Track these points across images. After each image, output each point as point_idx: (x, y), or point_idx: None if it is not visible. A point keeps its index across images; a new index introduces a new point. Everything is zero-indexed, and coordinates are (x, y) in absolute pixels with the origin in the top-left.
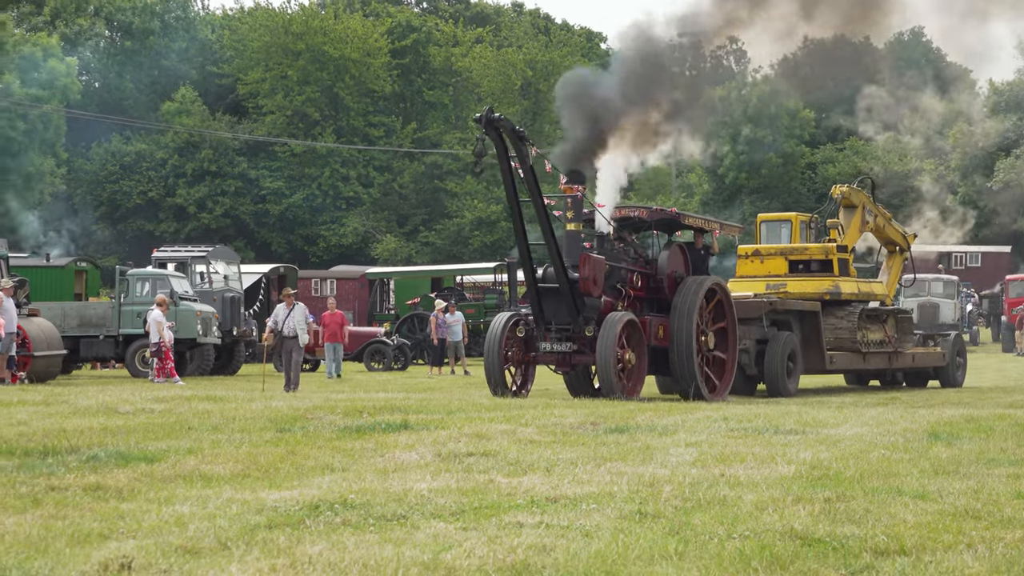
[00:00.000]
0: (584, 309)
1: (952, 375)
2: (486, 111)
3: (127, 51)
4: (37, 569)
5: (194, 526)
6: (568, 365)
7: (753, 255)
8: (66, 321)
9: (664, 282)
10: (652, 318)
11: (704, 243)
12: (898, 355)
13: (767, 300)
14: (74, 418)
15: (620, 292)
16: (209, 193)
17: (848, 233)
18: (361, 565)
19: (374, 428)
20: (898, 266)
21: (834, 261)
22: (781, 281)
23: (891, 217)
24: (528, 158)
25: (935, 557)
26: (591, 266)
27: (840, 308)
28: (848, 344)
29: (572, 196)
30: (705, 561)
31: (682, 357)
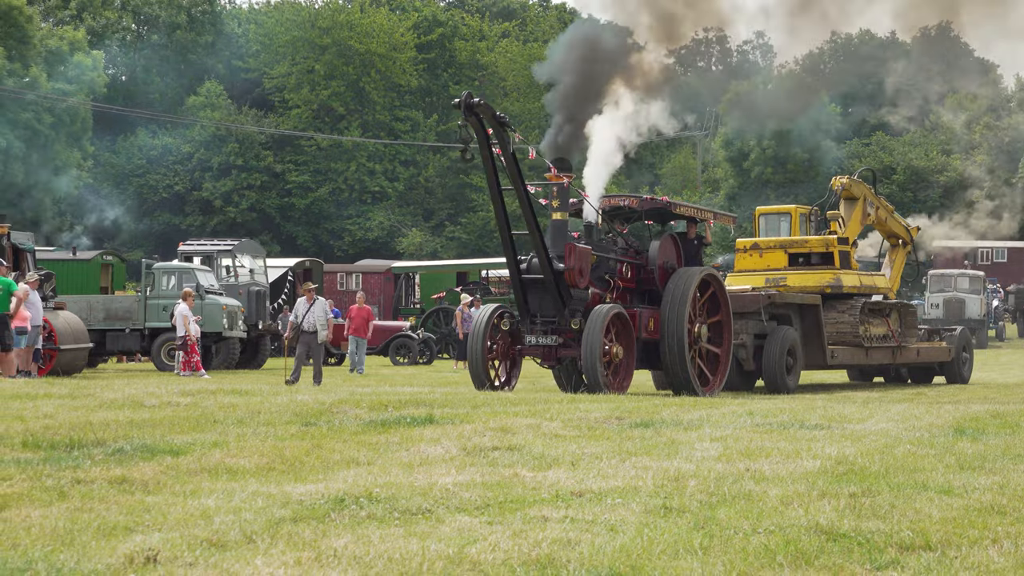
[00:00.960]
0: (570, 301)
1: (958, 371)
2: (464, 96)
3: (153, 45)
4: (63, 561)
5: (219, 519)
6: (554, 359)
7: (752, 248)
8: (92, 314)
9: (655, 273)
10: (642, 310)
11: (697, 233)
12: (902, 350)
13: (765, 294)
14: (100, 411)
15: (608, 284)
16: (235, 187)
17: (849, 226)
18: (386, 559)
19: (399, 422)
20: (901, 259)
21: (835, 254)
22: (781, 275)
23: (893, 210)
24: (510, 144)
25: (960, 552)
26: (577, 256)
27: (841, 302)
28: (850, 339)
29: (558, 184)
30: (730, 555)
31: (673, 350)
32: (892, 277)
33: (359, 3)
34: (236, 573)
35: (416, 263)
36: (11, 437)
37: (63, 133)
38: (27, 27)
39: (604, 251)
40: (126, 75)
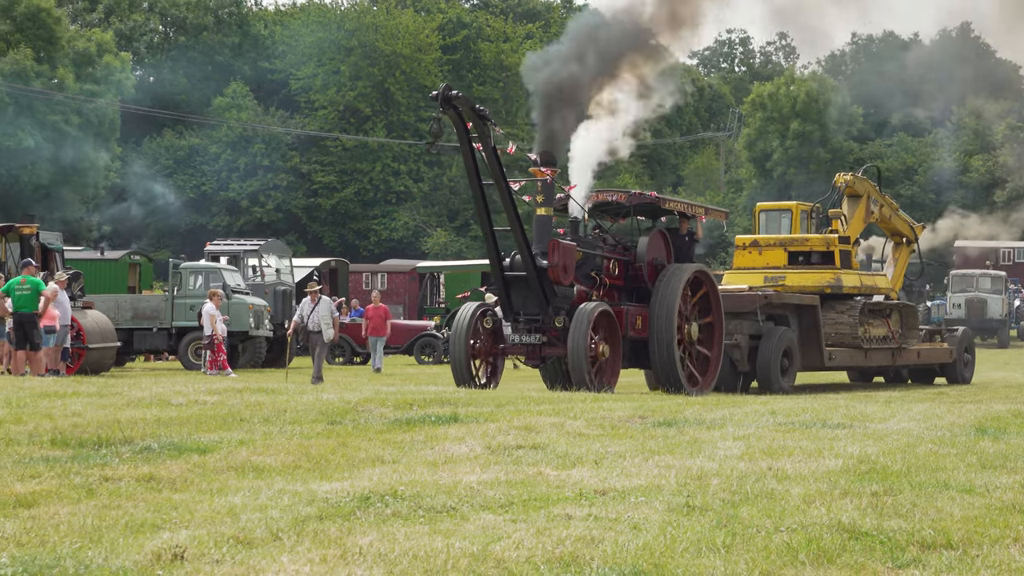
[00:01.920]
0: (554, 299)
1: (960, 372)
2: (442, 88)
3: (181, 47)
4: (91, 558)
5: (246, 517)
6: (538, 358)
7: (751, 246)
8: (120, 314)
9: (644, 270)
10: (630, 308)
11: (689, 229)
12: (902, 351)
13: (761, 293)
14: (128, 409)
15: (595, 281)
16: (261, 187)
17: (852, 224)
18: (411, 556)
19: (424, 421)
20: (904, 258)
21: (836, 253)
22: (780, 273)
23: (897, 207)
24: (490, 138)
25: (982, 551)
26: (561, 253)
27: (841, 302)
28: (849, 340)
29: (542, 180)
30: (752, 554)
31: (662, 349)
32: (894, 276)
33: (385, 5)
34: (263, 570)
35: (441, 263)
36: (40, 435)
37: (91, 134)
38: (55, 28)
39: (590, 247)
40: (154, 76)
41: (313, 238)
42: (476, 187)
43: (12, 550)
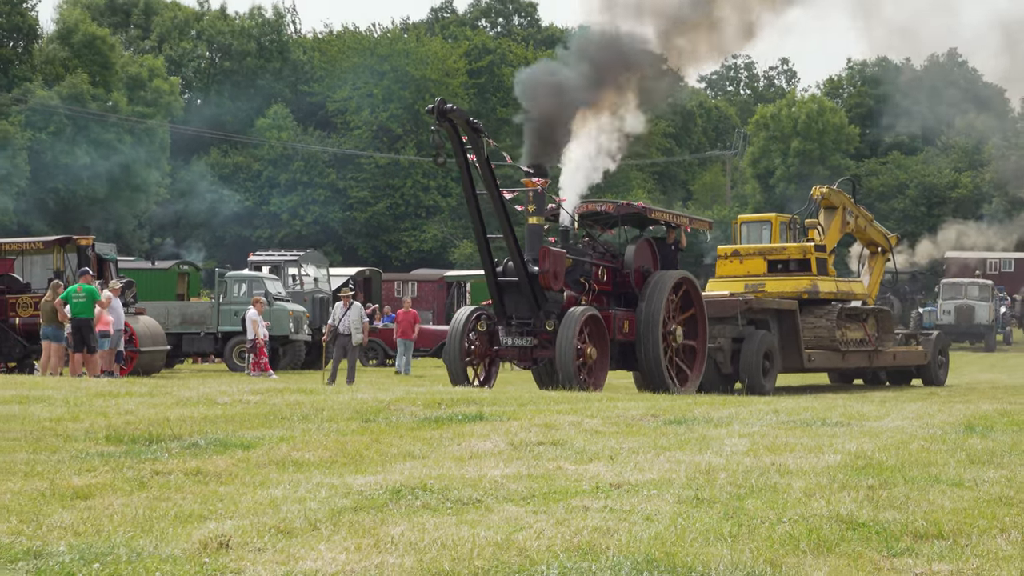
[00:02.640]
0: (545, 303)
1: (934, 374)
2: (438, 102)
3: (226, 71)
4: (143, 547)
5: (286, 508)
6: (529, 359)
7: (733, 255)
8: (169, 319)
9: (631, 276)
10: (617, 312)
11: (675, 238)
12: (878, 354)
13: (742, 299)
14: (177, 408)
15: (584, 286)
16: (301, 202)
17: (828, 234)
18: (439, 545)
19: (451, 419)
20: (880, 267)
21: (812, 260)
22: (760, 281)
23: (872, 218)
24: (484, 150)
25: (971, 541)
26: (551, 260)
27: (819, 307)
28: (827, 343)
29: (533, 190)
30: (757, 543)
31: (648, 351)
32: (870, 284)
33: (415, 33)
34: (301, 558)
35: (467, 272)
36: (96, 432)
37: (142, 153)
38: (110, 55)
39: (579, 255)
40: (201, 99)
41: (348, 249)
42: (470, 196)
43: (70, 539)
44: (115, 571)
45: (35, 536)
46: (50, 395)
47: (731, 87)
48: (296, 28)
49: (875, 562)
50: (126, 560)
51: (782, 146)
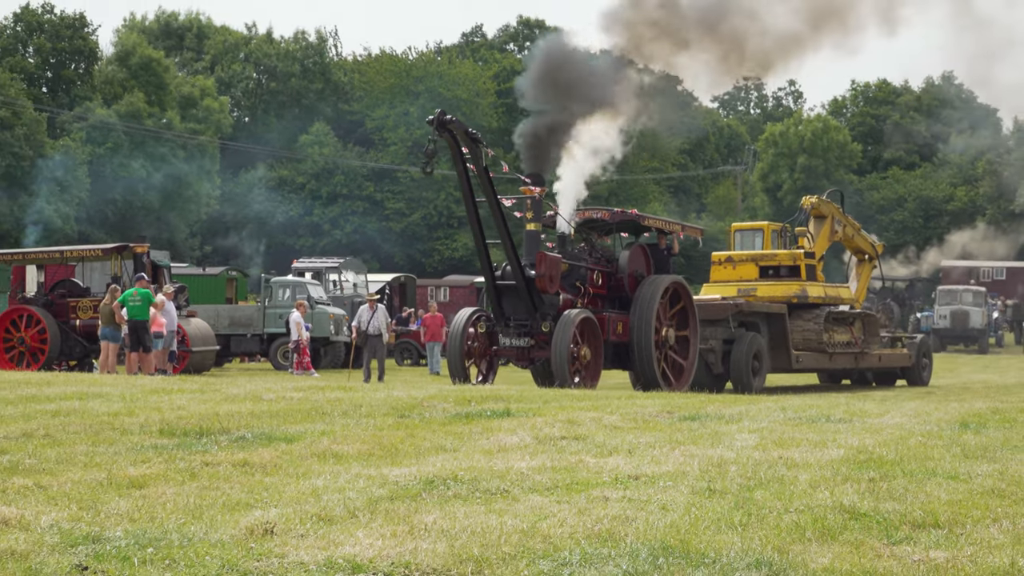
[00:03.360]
0: (541, 306)
1: (918, 375)
2: (438, 113)
3: (272, 91)
4: (194, 532)
5: (327, 497)
6: (527, 359)
7: (726, 261)
8: (219, 321)
9: (625, 280)
10: (611, 314)
11: (667, 244)
12: (864, 355)
13: (733, 302)
14: (225, 404)
15: (579, 290)
16: (341, 213)
17: (817, 242)
18: (469, 532)
19: (481, 415)
20: (867, 273)
21: (802, 266)
22: (752, 285)
23: (860, 227)
24: (482, 159)
25: (965, 530)
26: (547, 264)
27: (807, 311)
28: (814, 345)
29: (531, 197)
30: (765, 531)
31: (641, 351)
32: (858, 289)
33: (447, 56)
34: (341, 543)
35: None
36: (150, 426)
37: (194, 166)
38: (164, 76)
39: (575, 259)
40: (248, 117)
41: (385, 256)
42: (469, 204)
43: (126, 525)
44: (168, 555)
45: (94, 522)
46: (108, 391)
47: (742, 107)
48: (337, 51)
49: (876, 549)
50: (178, 545)
51: (789, 162)
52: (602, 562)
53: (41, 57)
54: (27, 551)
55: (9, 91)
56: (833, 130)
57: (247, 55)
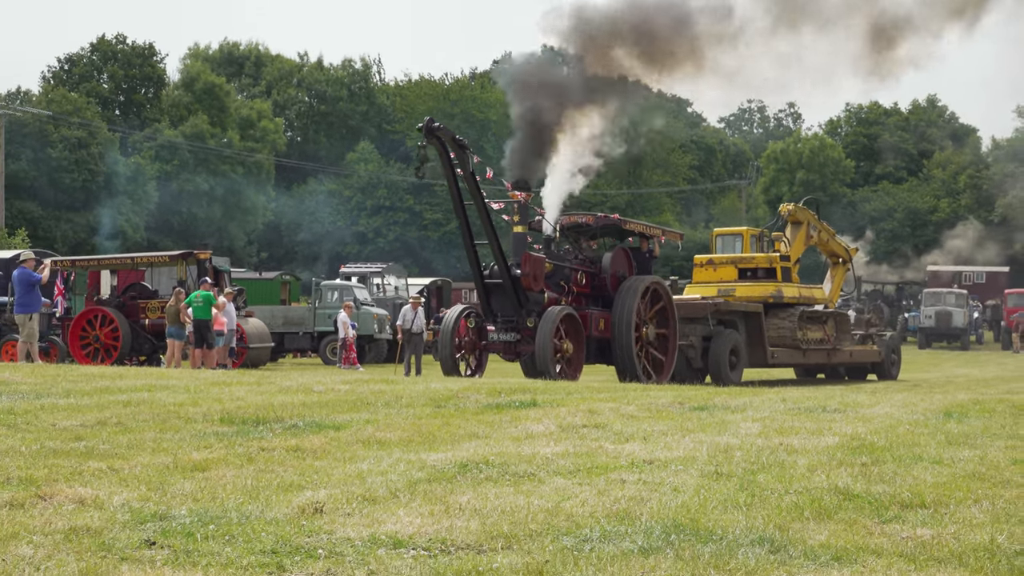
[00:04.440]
0: (527, 303)
1: (888, 370)
2: (427, 120)
3: (321, 113)
4: (251, 511)
5: (371, 479)
6: (513, 353)
7: (707, 264)
8: (274, 321)
9: (607, 280)
10: (594, 312)
11: (649, 247)
12: (836, 352)
13: (711, 302)
14: (279, 395)
15: (564, 288)
16: (384, 223)
17: (793, 246)
18: (500, 511)
19: (510, 405)
20: (840, 275)
21: (777, 269)
22: (731, 286)
23: (834, 233)
24: (469, 165)
25: (949, 510)
26: (531, 264)
27: (783, 310)
28: (789, 342)
29: (517, 201)
30: (767, 511)
31: (622, 347)
32: (832, 291)
33: (480, 81)
34: (383, 521)
35: None
36: (212, 415)
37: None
38: (225, 100)
39: (560, 260)
40: (301, 137)
41: (424, 262)
42: (458, 206)
43: (190, 504)
44: (227, 531)
45: (161, 502)
46: (174, 384)
47: (746, 127)
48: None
49: (868, 527)
50: (237, 522)
51: (789, 176)
52: (619, 538)
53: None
54: (101, 528)
55: (85, 113)
56: (829, 147)
57: (300, 81)
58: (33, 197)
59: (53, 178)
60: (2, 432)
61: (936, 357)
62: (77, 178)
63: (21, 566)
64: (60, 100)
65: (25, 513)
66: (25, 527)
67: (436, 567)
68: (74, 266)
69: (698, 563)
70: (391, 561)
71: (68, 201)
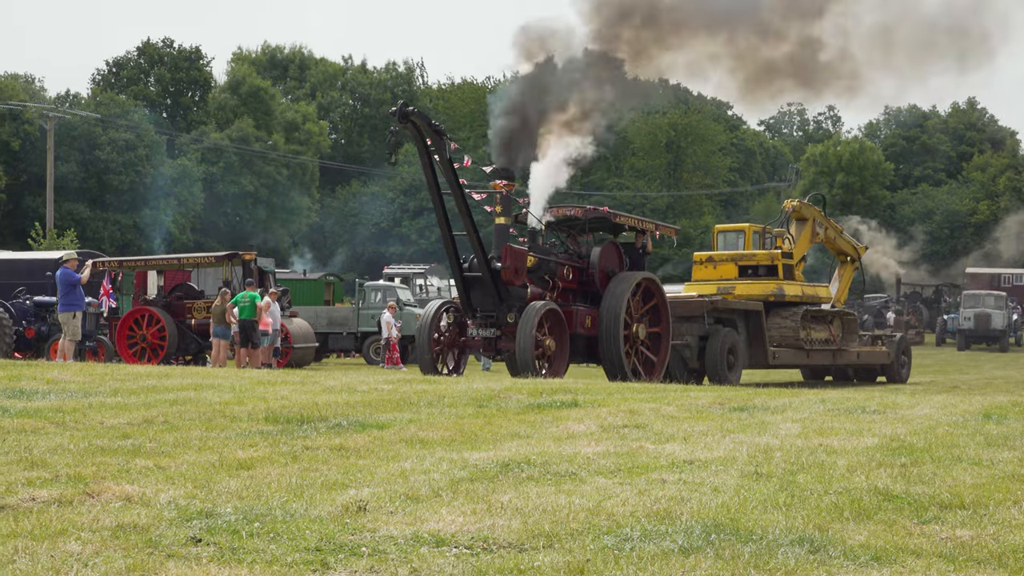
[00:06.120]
0: (508, 297)
1: (897, 372)
2: (400, 104)
3: (365, 116)
4: (295, 509)
5: (414, 478)
6: (494, 350)
7: (707, 261)
8: (318, 321)
9: (595, 276)
10: (579, 308)
11: (642, 242)
12: (842, 353)
13: (708, 299)
14: (323, 395)
15: (548, 283)
16: (426, 224)
17: (798, 243)
18: (541, 510)
19: (551, 405)
20: (849, 274)
21: (779, 266)
22: (731, 284)
23: (842, 230)
24: (447, 152)
25: (988, 511)
26: (512, 257)
27: (785, 309)
28: (792, 341)
29: (500, 192)
30: (807, 511)
31: (610, 345)
32: (839, 289)
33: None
34: (426, 520)
35: None
36: (257, 414)
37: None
38: (271, 103)
39: (545, 254)
40: (344, 139)
41: None
42: (435, 195)
43: (235, 502)
44: (272, 529)
45: (207, 499)
46: (219, 383)
47: (786, 129)
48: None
49: (907, 528)
50: (281, 520)
51: (828, 179)
52: (660, 538)
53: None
54: (148, 524)
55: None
56: (868, 150)
57: (344, 84)
58: (82, 199)
59: (101, 180)
60: (51, 430)
61: (975, 359)
62: (125, 180)
63: (69, 562)
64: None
65: (73, 510)
66: (73, 524)
67: (478, 565)
68: (121, 266)
69: (738, 563)
70: (433, 559)
71: (116, 203)
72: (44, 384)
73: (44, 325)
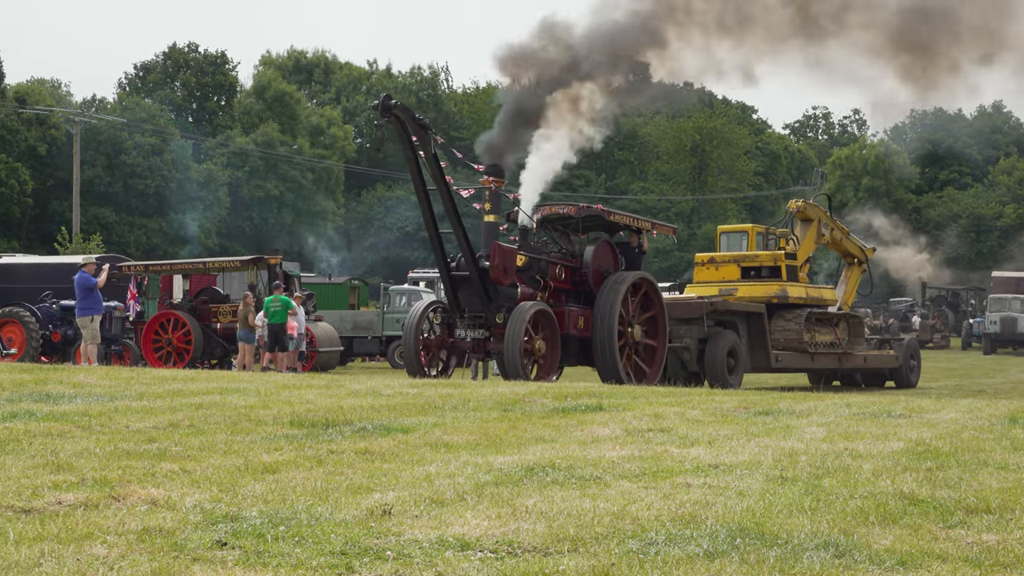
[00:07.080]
0: (497, 297)
1: (906, 376)
2: (383, 98)
3: None
4: (320, 513)
5: (439, 482)
6: (483, 351)
7: (709, 262)
8: (343, 325)
9: (589, 276)
10: (572, 309)
11: (638, 241)
12: (848, 356)
13: (708, 301)
14: (348, 398)
15: (540, 283)
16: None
17: (803, 244)
18: (566, 514)
19: (576, 409)
20: (856, 276)
21: (782, 267)
22: (733, 286)
23: (848, 231)
24: (432, 147)
25: (1014, 515)
26: (500, 255)
27: (788, 311)
28: (795, 344)
29: (488, 188)
30: (832, 515)
31: (604, 347)
32: (847, 291)
33: None
34: (451, 523)
35: None
36: (282, 418)
37: (321, 187)
38: (296, 107)
39: (536, 252)
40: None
41: None
42: (420, 191)
43: (260, 506)
44: (297, 532)
45: (232, 503)
46: (245, 387)
47: (811, 133)
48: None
49: (933, 532)
50: (306, 524)
51: (854, 183)
52: (685, 542)
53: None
54: (173, 528)
55: (159, 120)
56: (894, 154)
57: (369, 88)
58: (108, 203)
59: (127, 184)
60: (77, 434)
61: (1001, 363)
62: (150, 184)
63: (95, 566)
64: (134, 107)
65: (99, 513)
66: (99, 527)
67: (503, 569)
68: (147, 271)
69: (763, 567)
70: (458, 563)
71: (141, 207)
72: (70, 388)
73: (70, 329)
